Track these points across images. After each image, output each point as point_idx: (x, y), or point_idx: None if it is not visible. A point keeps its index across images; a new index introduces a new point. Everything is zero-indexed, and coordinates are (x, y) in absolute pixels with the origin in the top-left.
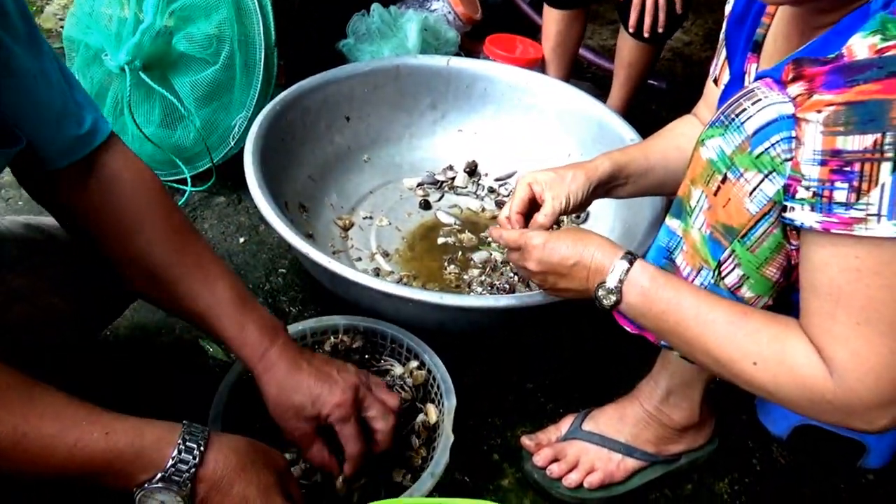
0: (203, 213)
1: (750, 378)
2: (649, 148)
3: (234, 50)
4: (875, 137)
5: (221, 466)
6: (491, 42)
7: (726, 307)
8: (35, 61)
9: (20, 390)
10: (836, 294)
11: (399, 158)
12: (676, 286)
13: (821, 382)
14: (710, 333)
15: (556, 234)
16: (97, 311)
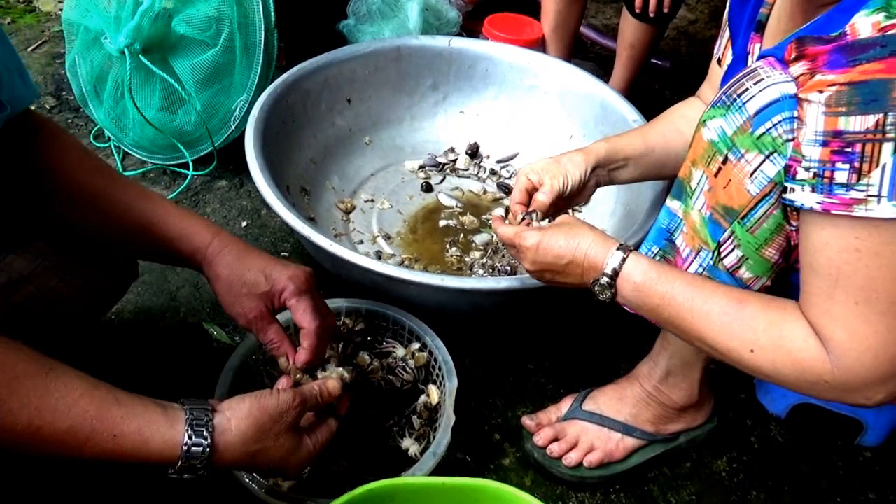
0: (205, 198)
1: (749, 364)
2: (648, 131)
3: (233, 32)
4: (877, 118)
5: (232, 457)
6: (490, 23)
7: (721, 296)
8: None
9: (35, 378)
10: (835, 274)
11: (400, 141)
12: (670, 279)
13: (819, 364)
14: (706, 324)
15: (550, 233)
16: (99, 294)
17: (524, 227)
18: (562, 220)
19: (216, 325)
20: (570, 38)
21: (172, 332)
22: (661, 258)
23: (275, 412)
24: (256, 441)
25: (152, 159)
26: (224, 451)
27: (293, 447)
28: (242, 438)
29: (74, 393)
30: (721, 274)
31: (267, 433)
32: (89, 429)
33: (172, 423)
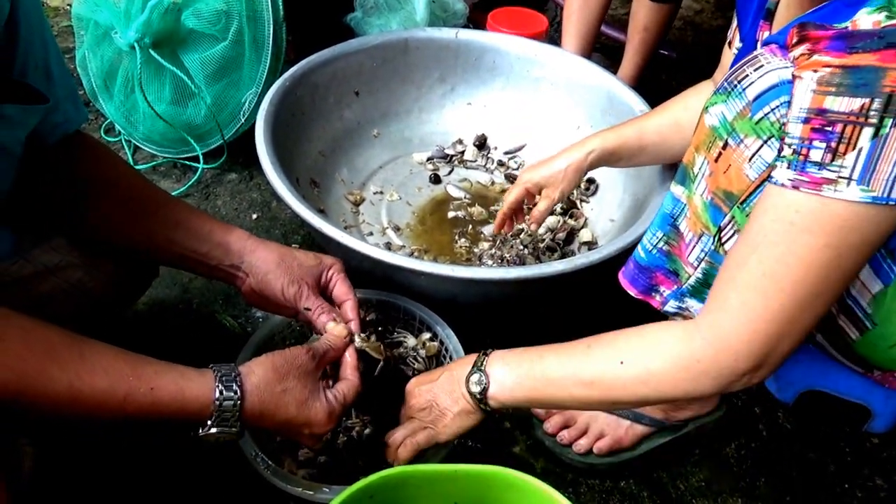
0: (216, 191)
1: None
2: (646, 126)
3: (242, 26)
4: (863, 102)
5: (259, 399)
6: (494, 18)
7: (578, 344)
8: None
9: (71, 347)
10: (758, 241)
11: (409, 133)
12: (528, 363)
13: (687, 344)
14: (574, 369)
15: (415, 384)
16: (122, 288)
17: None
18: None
19: (229, 315)
20: (592, 27)
21: (186, 322)
22: (666, 243)
23: (289, 355)
24: (278, 380)
25: (163, 153)
26: (251, 392)
27: (313, 390)
28: (265, 377)
29: (108, 355)
30: (722, 259)
31: (286, 374)
32: (126, 385)
33: (203, 375)
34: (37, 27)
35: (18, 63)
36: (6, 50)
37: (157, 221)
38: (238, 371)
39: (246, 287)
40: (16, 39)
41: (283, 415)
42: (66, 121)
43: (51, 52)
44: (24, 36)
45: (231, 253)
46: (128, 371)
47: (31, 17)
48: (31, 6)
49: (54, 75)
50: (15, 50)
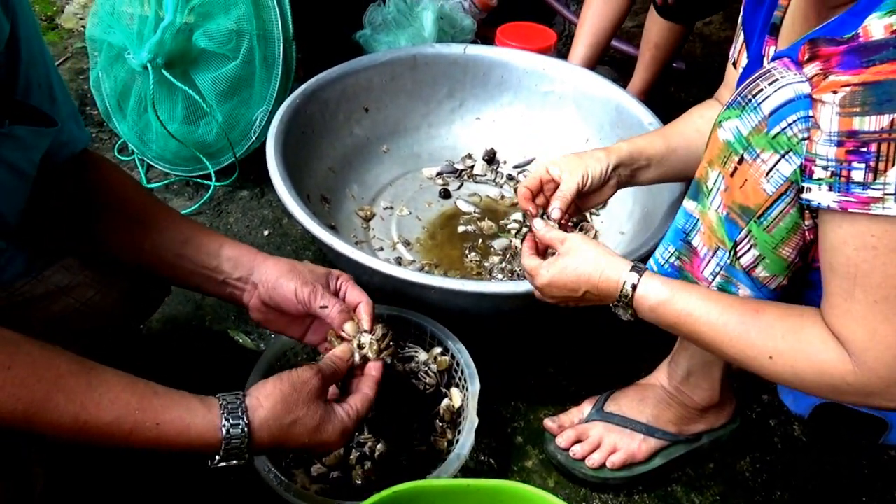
0: (227, 208)
1: (769, 372)
2: (670, 132)
3: (253, 45)
4: (892, 117)
5: (269, 434)
6: (502, 33)
7: (738, 308)
8: None
9: (79, 376)
10: (853, 273)
11: (418, 148)
12: (685, 296)
13: (839, 366)
14: (724, 337)
15: (558, 266)
16: (135, 306)
17: (537, 261)
18: (570, 245)
19: (242, 332)
20: (601, 38)
21: (199, 339)
22: (678, 259)
23: (297, 382)
24: (287, 411)
25: (175, 171)
26: (260, 427)
27: (324, 414)
28: (273, 411)
29: (116, 387)
30: (738, 273)
31: (294, 403)
32: (132, 420)
33: (210, 409)
34: (37, 48)
35: (21, 83)
36: (9, 70)
37: (166, 238)
38: (245, 405)
39: (255, 300)
40: (17, 60)
41: (294, 443)
42: (71, 140)
43: (52, 72)
44: (25, 57)
45: (240, 266)
46: (134, 404)
47: (31, 38)
48: (30, 27)
49: (57, 95)
50: (17, 70)
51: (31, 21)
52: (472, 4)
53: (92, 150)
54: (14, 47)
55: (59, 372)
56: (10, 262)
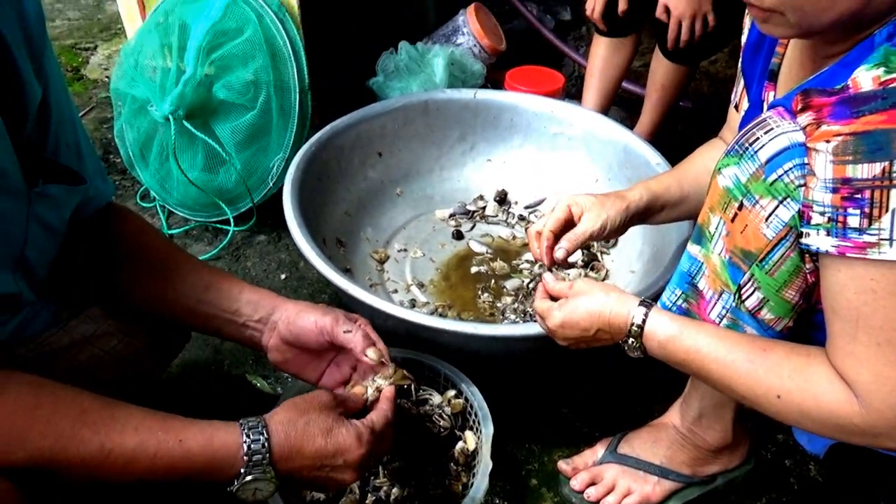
0: (245, 252)
1: (777, 411)
2: (682, 175)
3: (270, 95)
4: (883, 165)
5: (285, 434)
6: (511, 77)
7: (745, 345)
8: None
9: (101, 410)
10: (855, 316)
11: (431, 190)
12: (693, 333)
13: (846, 407)
14: (732, 374)
15: (569, 308)
16: (156, 353)
17: (549, 303)
18: (579, 287)
19: (259, 376)
20: (611, 85)
21: (217, 383)
22: (685, 301)
23: (308, 396)
24: (300, 415)
25: (195, 217)
26: (277, 432)
27: (337, 418)
28: (287, 416)
29: (137, 415)
30: (744, 315)
31: (306, 409)
32: (156, 441)
33: (229, 424)
34: (66, 108)
35: (51, 143)
36: (40, 131)
37: (188, 284)
38: (261, 417)
39: (274, 340)
40: (48, 121)
41: (311, 446)
42: (97, 195)
43: (79, 131)
44: (55, 117)
45: (260, 308)
46: (156, 426)
47: (60, 98)
48: (60, 88)
49: (84, 153)
50: (48, 131)
51: (60, 83)
52: (482, 49)
53: (115, 201)
54: (45, 109)
55: (83, 407)
56: (38, 314)
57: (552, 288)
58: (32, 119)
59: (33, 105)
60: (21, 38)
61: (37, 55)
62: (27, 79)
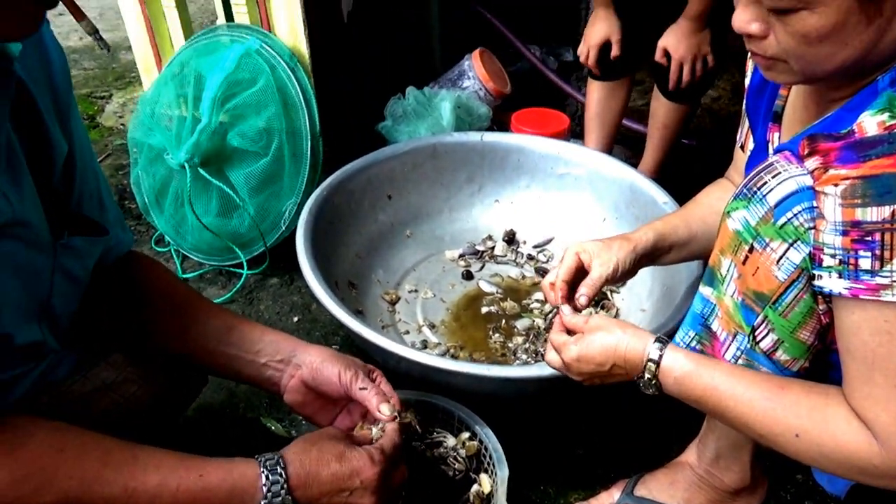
0: (259, 295)
1: (795, 450)
2: (689, 216)
3: (282, 141)
4: (892, 208)
5: (299, 461)
6: (517, 119)
7: (762, 383)
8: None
9: (123, 451)
10: (870, 357)
11: (440, 231)
12: (710, 370)
13: (865, 448)
14: (749, 411)
15: (586, 342)
16: (173, 399)
17: (565, 337)
18: (595, 323)
19: (274, 419)
20: (611, 128)
21: (232, 426)
22: (699, 343)
23: (318, 430)
24: (312, 444)
25: (209, 261)
26: (292, 461)
27: (348, 444)
28: (300, 446)
29: (158, 454)
30: (759, 357)
31: (317, 440)
32: (177, 477)
33: (247, 461)
34: (89, 161)
35: (75, 195)
36: (65, 184)
37: (210, 327)
38: (277, 452)
39: (294, 381)
40: (73, 174)
41: (326, 471)
42: (118, 244)
43: (101, 181)
44: (80, 170)
45: (281, 350)
46: (177, 464)
47: (84, 151)
48: (84, 143)
49: (105, 203)
50: (73, 183)
51: (83, 137)
52: (487, 93)
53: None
54: (70, 163)
55: (106, 449)
56: (61, 361)
57: (569, 321)
58: (58, 173)
59: (59, 160)
60: (49, 97)
61: (63, 112)
62: (54, 135)
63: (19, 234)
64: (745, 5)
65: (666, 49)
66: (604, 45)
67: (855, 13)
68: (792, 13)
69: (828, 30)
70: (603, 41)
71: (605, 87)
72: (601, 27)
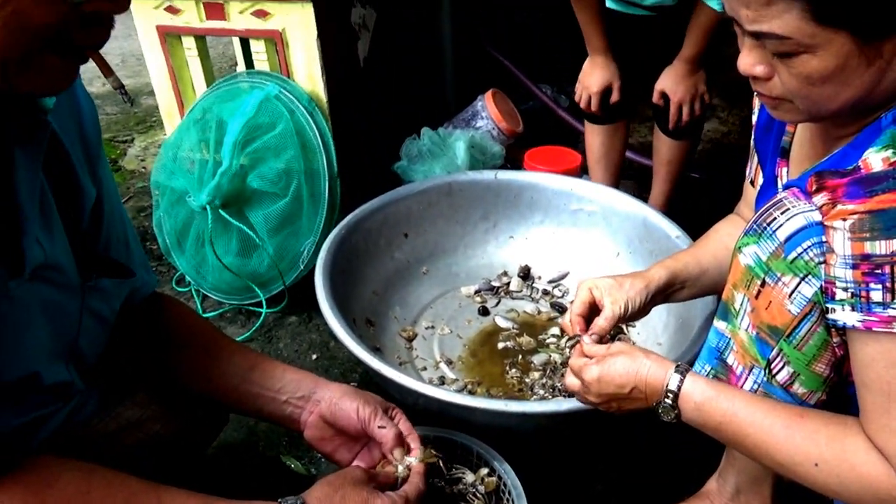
0: (277, 333)
1: (814, 479)
2: (700, 252)
3: (301, 183)
4: None
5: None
6: (530, 157)
7: (781, 411)
8: None
9: (148, 493)
10: (886, 389)
11: (456, 268)
12: (729, 397)
13: (884, 479)
14: (769, 440)
15: (608, 363)
16: (195, 437)
17: (585, 359)
18: (617, 348)
19: (293, 457)
20: (616, 168)
21: (252, 464)
22: (715, 376)
23: (342, 472)
24: (335, 490)
25: (228, 300)
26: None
27: (371, 491)
28: (323, 491)
29: (182, 496)
30: (776, 390)
31: (340, 484)
32: None
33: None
34: (116, 206)
35: (103, 239)
36: (93, 228)
37: (233, 365)
38: (299, 496)
39: (314, 417)
40: (101, 219)
41: None
42: (143, 285)
43: (127, 225)
44: (108, 215)
45: (302, 387)
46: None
47: (112, 197)
48: (111, 188)
49: (131, 246)
50: (100, 228)
51: (111, 182)
52: (500, 132)
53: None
54: (99, 208)
55: (132, 490)
56: (87, 401)
57: (590, 349)
58: (87, 218)
59: (88, 205)
60: (79, 146)
61: (92, 159)
62: (84, 182)
63: (50, 277)
64: (749, 49)
65: (663, 91)
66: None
67: (855, 56)
68: (794, 56)
69: (829, 71)
70: (604, 88)
71: (605, 130)
72: (601, 74)
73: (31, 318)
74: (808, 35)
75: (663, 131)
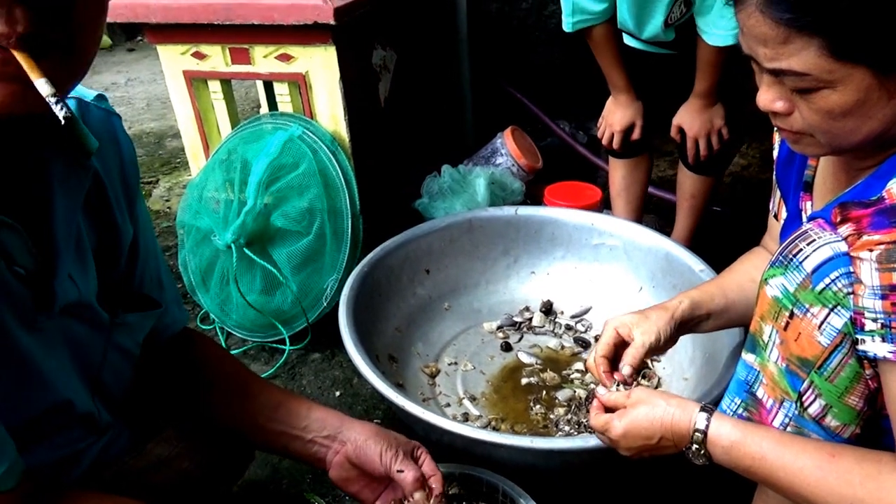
0: (300, 370)
1: None
2: (726, 283)
3: (324, 221)
4: None
5: None
6: (550, 193)
7: (812, 451)
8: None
9: None
10: None
11: (478, 304)
12: (757, 440)
13: None
14: (801, 481)
15: (630, 417)
16: (222, 474)
17: (607, 416)
18: (636, 397)
19: (317, 495)
20: (637, 202)
21: (277, 502)
22: (745, 410)
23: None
24: None
25: (252, 337)
26: None
27: None
28: None
29: None
30: (808, 423)
31: None
32: None
33: None
34: (151, 245)
35: (138, 277)
36: (129, 266)
37: (260, 402)
38: None
39: (340, 457)
40: (136, 257)
41: None
42: (174, 321)
43: (161, 264)
44: (143, 254)
45: (328, 425)
46: None
47: (147, 236)
48: (147, 228)
49: (164, 284)
50: (136, 266)
51: (147, 223)
52: (520, 168)
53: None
54: (135, 248)
55: None
56: (117, 439)
57: (607, 400)
58: (125, 256)
59: (125, 245)
60: (120, 188)
61: (131, 200)
62: (121, 222)
63: (80, 314)
64: (768, 85)
65: (680, 126)
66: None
67: (875, 89)
68: (814, 92)
69: (850, 106)
70: (628, 126)
71: (627, 164)
72: (625, 113)
73: (55, 351)
74: (827, 71)
75: (685, 165)
